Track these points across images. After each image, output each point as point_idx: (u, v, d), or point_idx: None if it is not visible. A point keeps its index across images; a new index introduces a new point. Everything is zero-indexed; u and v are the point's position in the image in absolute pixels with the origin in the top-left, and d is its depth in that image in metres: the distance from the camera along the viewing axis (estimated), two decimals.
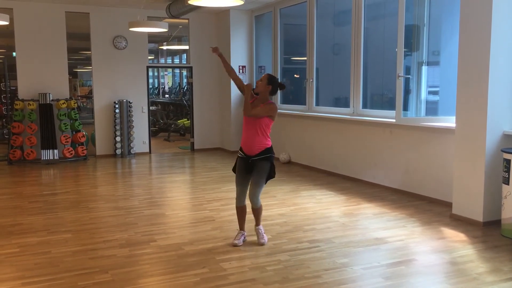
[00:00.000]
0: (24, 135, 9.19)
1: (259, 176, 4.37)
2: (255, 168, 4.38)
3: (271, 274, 3.79)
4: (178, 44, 15.52)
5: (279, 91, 4.72)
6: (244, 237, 4.56)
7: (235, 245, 4.44)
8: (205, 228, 5.04)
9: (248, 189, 4.45)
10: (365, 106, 7.53)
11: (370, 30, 7.72)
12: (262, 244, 4.46)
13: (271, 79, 4.41)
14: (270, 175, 4.44)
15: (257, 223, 4.56)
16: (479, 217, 5.09)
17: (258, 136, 4.36)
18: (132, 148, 10.10)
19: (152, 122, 12.81)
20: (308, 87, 8.64)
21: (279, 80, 4.56)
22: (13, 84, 11.77)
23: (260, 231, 4.55)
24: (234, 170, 4.56)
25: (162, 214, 5.64)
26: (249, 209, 4.53)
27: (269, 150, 4.42)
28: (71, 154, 9.38)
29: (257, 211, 4.50)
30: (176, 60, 18.57)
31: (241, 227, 4.59)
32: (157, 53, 17.39)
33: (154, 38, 13.16)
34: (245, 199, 4.50)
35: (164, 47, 16.52)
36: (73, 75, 18.70)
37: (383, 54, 7.97)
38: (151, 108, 11.58)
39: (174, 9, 8.96)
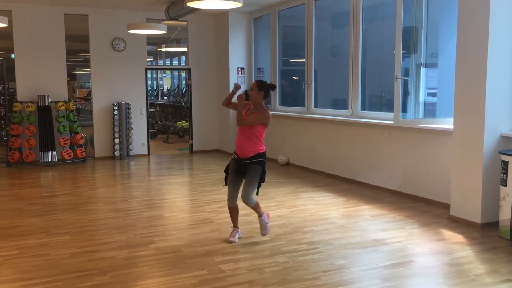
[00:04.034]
0: (22, 137, 9.19)
1: (251, 178, 4.46)
2: (247, 171, 4.47)
3: (269, 275, 3.79)
4: (176, 46, 15.53)
5: (275, 92, 4.75)
6: (239, 234, 4.70)
7: (230, 242, 4.55)
8: (204, 230, 5.04)
9: (241, 190, 4.53)
10: (363, 108, 7.54)
11: (368, 32, 7.74)
12: (264, 235, 4.59)
13: (261, 85, 4.49)
14: (261, 180, 4.51)
15: (259, 214, 4.61)
16: (477, 219, 5.10)
17: (252, 142, 4.45)
18: (131, 150, 10.11)
19: (151, 124, 12.81)
20: (307, 89, 8.65)
21: (275, 82, 4.60)
22: (11, 86, 11.74)
23: (263, 221, 4.59)
24: (226, 171, 4.65)
25: (161, 216, 5.64)
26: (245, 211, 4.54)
27: (261, 155, 4.49)
28: (70, 156, 9.37)
29: (253, 208, 4.58)
30: (175, 62, 18.56)
31: (235, 225, 4.72)
32: (155, 55, 17.38)
33: (152, 40, 13.16)
34: (237, 200, 4.60)
35: (163, 49, 16.52)
36: (71, 77, 18.65)
37: (381, 56, 7.98)
38: (149, 110, 11.58)
39: (172, 11, 8.97)
